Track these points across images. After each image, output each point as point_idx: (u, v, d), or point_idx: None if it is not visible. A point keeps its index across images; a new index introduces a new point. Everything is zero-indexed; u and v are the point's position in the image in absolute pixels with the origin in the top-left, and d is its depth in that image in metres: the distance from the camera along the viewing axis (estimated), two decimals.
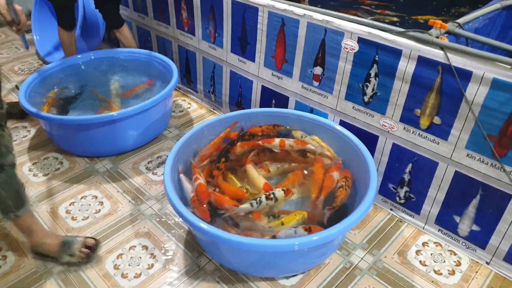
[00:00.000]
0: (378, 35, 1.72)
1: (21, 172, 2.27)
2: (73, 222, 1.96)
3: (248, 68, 2.38)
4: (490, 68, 1.47)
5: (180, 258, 1.79)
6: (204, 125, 2.03)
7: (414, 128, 1.75)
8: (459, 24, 1.72)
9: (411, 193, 1.89)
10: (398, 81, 1.73)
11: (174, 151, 1.83)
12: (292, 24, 2.02)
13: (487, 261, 1.74)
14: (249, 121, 2.12)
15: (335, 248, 1.75)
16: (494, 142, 1.54)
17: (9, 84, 3.14)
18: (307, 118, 2.06)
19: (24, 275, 1.72)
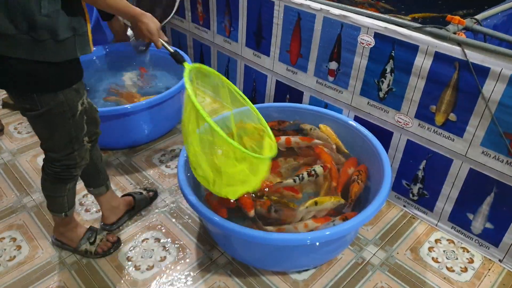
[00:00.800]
0: (395, 31, 1.71)
1: (35, 163, 2.30)
2: (87, 214, 1.99)
3: (263, 62, 2.38)
4: (508, 64, 1.45)
5: (192, 251, 1.80)
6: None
7: (429, 124, 1.74)
8: (477, 20, 1.71)
9: (424, 190, 1.88)
10: (414, 77, 1.72)
11: None
12: (308, 19, 2.01)
13: (500, 258, 1.73)
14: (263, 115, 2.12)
15: (348, 243, 1.75)
16: (510, 139, 1.53)
17: None
18: (321, 113, 2.06)
19: (38, 265, 1.75)
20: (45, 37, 1.18)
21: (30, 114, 1.36)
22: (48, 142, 1.45)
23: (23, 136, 2.53)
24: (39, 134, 1.45)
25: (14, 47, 1.19)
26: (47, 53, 1.22)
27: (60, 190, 1.58)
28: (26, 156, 2.36)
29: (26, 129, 2.58)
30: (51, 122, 1.37)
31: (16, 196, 2.09)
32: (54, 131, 1.40)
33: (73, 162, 1.50)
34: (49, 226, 1.91)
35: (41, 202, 2.04)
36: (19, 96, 1.32)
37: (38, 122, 1.39)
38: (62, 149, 1.45)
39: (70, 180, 1.56)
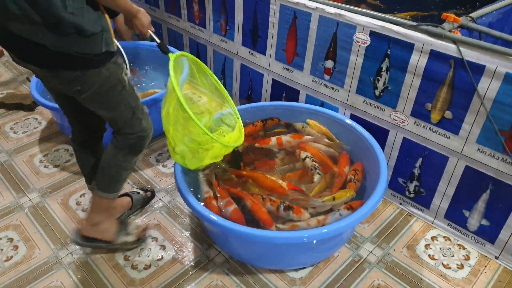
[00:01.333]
0: (391, 29, 1.72)
1: (32, 163, 2.30)
2: (84, 214, 1.98)
3: (259, 61, 2.39)
4: (503, 62, 1.46)
5: (189, 250, 1.80)
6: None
7: (425, 122, 1.75)
8: (472, 18, 1.71)
9: (420, 188, 1.89)
10: (409, 75, 1.72)
11: None
12: (304, 17, 2.01)
13: (496, 255, 1.74)
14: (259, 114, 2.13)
15: (344, 241, 1.76)
16: (505, 137, 1.54)
17: (20, 76, 3.16)
18: (317, 112, 2.07)
19: (35, 265, 1.74)
20: (70, 31, 1.24)
21: (87, 95, 1.40)
22: (117, 120, 1.51)
23: (19, 136, 2.52)
24: (106, 116, 1.52)
25: (46, 35, 1.23)
26: (73, 46, 1.27)
27: (130, 162, 1.63)
28: (23, 156, 2.35)
29: (22, 129, 2.57)
30: (108, 99, 1.44)
31: (13, 197, 2.08)
32: (114, 107, 1.47)
33: (145, 134, 1.58)
34: (45, 226, 1.91)
35: (37, 203, 2.04)
36: (68, 81, 1.35)
37: (96, 103, 1.45)
38: (131, 122, 1.52)
39: (140, 151, 1.63)
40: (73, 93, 1.41)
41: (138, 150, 1.62)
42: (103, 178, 1.63)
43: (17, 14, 1.20)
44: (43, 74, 1.40)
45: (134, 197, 1.97)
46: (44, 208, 2.01)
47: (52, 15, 1.21)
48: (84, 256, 1.78)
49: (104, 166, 1.61)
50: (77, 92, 1.39)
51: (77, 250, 1.80)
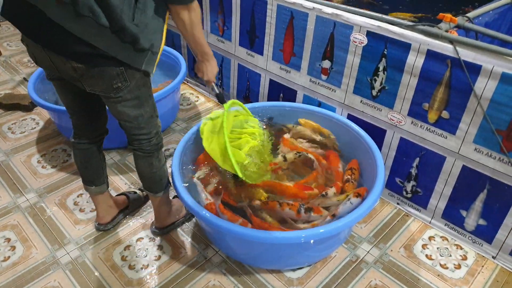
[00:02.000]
0: (387, 29, 1.72)
1: (29, 163, 2.30)
2: (81, 214, 1.98)
3: (256, 61, 2.39)
4: (499, 62, 1.46)
5: (187, 250, 1.80)
6: None
7: (422, 122, 1.75)
8: (468, 18, 1.72)
9: (418, 187, 1.89)
10: (406, 75, 1.72)
11: (182, 145, 1.85)
12: (301, 18, 2.01)
13: (493, 255, 1.75)
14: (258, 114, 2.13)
15: (342, 241, 1.76)
16: (502, 136, 1.54)
17: (17, 76, 3.16)
18: (314, 112, 2.07)
19: (32, 265, 1.74)
20: (128, 39, 1.28)
21: (123, 94, 1.41)
22: (139, 119, 1.51)
23: (17, 136, 2.52)
24: (132, 115, 1.49)
25: (100, 37, 1.26)
26: (122, 54, 1.30)
27: (163, 157, 1.70)
28: (20, 156, 2.35)
29: (20, 129, 2.57)
30: (141, 95, 1.46)
31: (10, 197, 2.08)
32: (144, 104, 1.49)
33: (159, 128, 1.63)
34: (43, 226, 1.91)
35: (35, 203, 2.04)
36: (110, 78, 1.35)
37: (131, 100, 1.45)
38: (151, 120, 1.56)
39: (163, 145, 1.68)
40: (111, 91, 1.39)
41: (161, 146, 1.66)
42: (154, 184, 1.70)
43: (85, 15, 1.21)
44: (81, 73, 1.34)
45: (130, 196, 1.98)
46: (41, 209, 2.01)
47: (118, 23, 1.24)
48: (81, 256, 1.78)
49: (149, 176, 1.68)
50: (116, 89, 1.39)
51: (75, 250, 1.80)
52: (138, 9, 1.26)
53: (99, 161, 1.75)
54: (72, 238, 1.86)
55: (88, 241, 1.85)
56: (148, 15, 1.29)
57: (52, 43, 1.29)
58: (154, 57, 1.39)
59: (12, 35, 3.84)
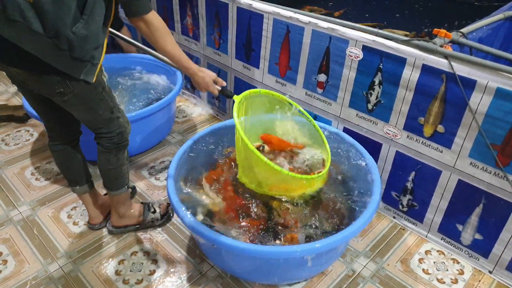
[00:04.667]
0: (383, 43, 1.73)
1: (23, 175, 2.27)
2: (75, 227, 1.96)
3: (253, 74, 2.39)
4: (494, 77, 1.47)
5: (182, 264, 1.78)
6: (207, 131, 2.04)
7: (417, 136, 1.76)
8: (463, 33, 1.73)
9: (414, 201, 1.89)
10: (402, 89, 1.73)
11: (178, 157, 1.83)
12: (297, 32, 2.03)
13: (489, 270, 1.74)
14: None
15: (338, 255, 1.75)
16: (497, 151, 1.55)
17: (12, 88, 3.15)
18: None
19: (24, 280, 1.71)
20: (64, 47, 1.28)
21: (68, 98, 1.44)
22: (96, 121, 1.58)
23: (11, 148, 2.50)
24: (85, 118, 1.58)
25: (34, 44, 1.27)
26: (58, 62, 1.31)
27: (123, 158, 1.73)
28: (14, 168, 2.33)
29: (14, 141, 2.55)
30: (89, 100, 1.50)
31: (2, 210, 2.06)
32: (95, 108, 1.53)
33: (123, 129, 1.66)
34: (36, 240, 1.88)
35: (28, 216, 2.02)
36: (51, 84, 1.39)
37: (79, 105, 1.50)
38: (110, 121, 1.59)
39: (126, 145, 1.72)
40: (55, 95, 1.43)
41: (124, 145, 1.70)
42: (109, 181, 1.76)
43: (16, 20, 1.22)
44: (23, 77, 1.41)
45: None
46: (34, 221, 1.98)
47: (53, 29, 1.24)
48: (74, 270, 1.75)
49: (105, 172, 1.74)
50: (59, 94, 1.42)
51: (68, 264, 1.78)
52: (82, 20, 1.28)
53: (78, 162, 1.79)
54: (65, 252, 1.84)
55: (82, 254, 1.82)
56: (90, 28, 1.31)
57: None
58: (94, 68, 1.40)
59: None
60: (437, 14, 2.98)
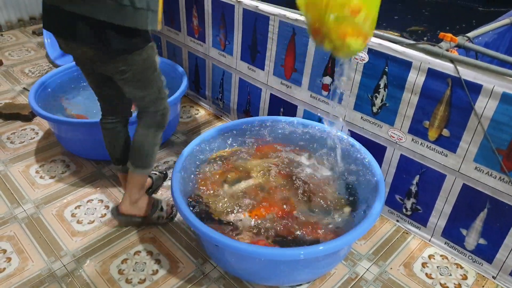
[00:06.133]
0: (388, 47, 1.73)
1: (27, 173, 2.28)
2: (79, 226, 1.97)
3: (257, 76, 2.40)
4: (500, 82, 1.47)
5: (185, 265, 1.78)
6: (212, 132, 2.05)
7: (422, 139, 1.75)
8: (469, 38, 1.73)
9: (418, 205, 1.88)
10: (407, 93, 1.73)
11: (182, 158, 1.84)
12: (302, 34, 2.03)
13: (493, 275, 1.73)
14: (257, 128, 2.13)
15: (341, 258, 1.75)
16: (502, 156, 1.54)
17: (18, 86, 3.16)
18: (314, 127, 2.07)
19: (27, 277, 1.72)
20: (126, 2, 1.40)
21: (127, 76, 1.59)
22: (145, 99, 1.70)
23: (16, 146, 2.51)
24: (138, 95, 1.69)
25: (99, 10, 1.40)
26: (125, 19, 1.42)
27: (158, 138, 1.82)
28: (19, 166, 2.34)
29: (19, 139, 2.56)
30: (144, 78, 1.64)
31: (7, 207, 2.07)
32: (148, 86, 1.67)
33: (166, 111, 1.78)
34: (39, 238, 1.89)
35: (32, 214, 2.02)
36: (115, 62, 1.55)
37: (135, 82, 1.63)
38: (157, 100, 1.72)
39: (164, 128, 1.82)
40: (116, 72, 1.58)
41: (163, 126, 1.80)
42: (139, 157, 1.80)
43: None
44: (91, 57, 1.55)
45: (154, 177, 2.17)
46: (38, 220, 1.99)
47: None
48: (77, 269, 1.76)
49: (139, 146, 1.79)
50: (120, 72, 1.58)
51: (71, 262, 1.78)
52: None
53: (125, 141, 1.91)
54: (69, 250, 1.84)
55: (85, 253, 1.83)
56: None
57: (67, 33, 1.50)
58: (155, 15, 1.49)
59: (14, 45, 3.85)
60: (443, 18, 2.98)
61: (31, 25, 4.27)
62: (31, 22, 4.28)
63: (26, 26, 4.26)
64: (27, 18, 4.25)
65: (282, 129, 2.13)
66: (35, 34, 4.05)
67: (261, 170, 1.95)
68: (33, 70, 3.41)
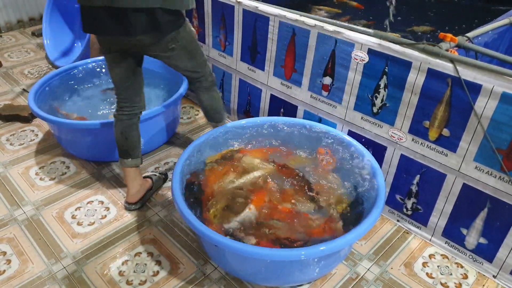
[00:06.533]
0: (388, 47, 1.73)
1: (27, 175, 2.28)
2: (79, 227, 1.96)
3: (258, 76, 2.40)
4: (499, 82, 1.47)
5: (185, 266, 1.78)
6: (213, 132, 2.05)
7: (422, 139, 1.76)
8: (468, 38, 1.73)
9: (418, 205, 1.88)
10: (407, 93, 1.73)
11: (183, 159, 1.84)
12: (302, 34, 2.03)
13: (494, 274, 1.74)
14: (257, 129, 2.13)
15: (342, 258, 1.75)
16: (502, 155, 1.55)
17: (17, 87, 3.16)
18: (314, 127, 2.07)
19: (28, 280, 1.72)
20: None
21: (176, 52, 1.76)
22: (197, 65, 1.88)
23: (16, 148, 2.51)
24: (189, 65, 1.86)
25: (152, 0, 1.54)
26: (175, 3, 1.59)
27: (218, 92, 2.06)
28: (18, 168, 2.34)
29: (19, 141, 2.56)
30: (191, 49, 1.82)
31: (7, 209, 2.06)
32: (195, 54, 1.85)
33: (211, 69, 1.99)
34: (40, 240, 1.89)
35: (32, 216, 2.02)
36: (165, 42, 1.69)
37: (184, 55, 1.80)
38: (204, 63, 1.92)
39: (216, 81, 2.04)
40: (166, 51, 1.73)
41: (215, 82, 2.02)
42: (217, 113, 2.08)
43: None
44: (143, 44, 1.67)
45: (154, 178, 2.19)
46: (38, 221, 1.99)
47: None
48: (78, 271, 1.76)
49: (212, 108, 2.05)
50: (171, 50, 1.73)
51: (72, 264, 1.78)
52: None
53: (136, 134, 1.98)
54: (69, 252, 1.84)
55: (85, 255, 1.83)
56: None
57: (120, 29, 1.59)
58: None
59: (13, 46, 3.85)
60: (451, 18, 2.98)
61: (31, 26, 4.27)
62: (30, 23, 4.28)
63: (26, 27, 4.26)
64: (27, 19, 4.25)
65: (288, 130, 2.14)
66: (34, 35, 4.05)
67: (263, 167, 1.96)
68: (33, 71, 3.41)
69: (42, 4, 3.85)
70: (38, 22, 4.26)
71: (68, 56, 3.31)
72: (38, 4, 4.22)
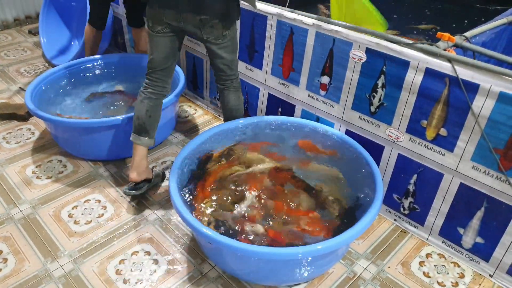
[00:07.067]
0: (386, 46, 1.73)
1: (24, 174, 2.27)
2: (76, 226, 1.96)
3: (255, 75, 2.40)
4: (497, 81, 1.48)
5: (182, 265, 1.78)
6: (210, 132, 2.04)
7: (420, 139, 1.76)
8: (466, 37, 1.74)
9: (415, 204, 1.89)
10: (405, 92, 1.74)
11: (180, 157, 1.84)
12: (300, 33, 2.03)
13: (490, 273, 1.74)
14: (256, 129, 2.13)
15: (339, 257, 1.75)
16: (500, 155, 1.55)
17: (14, 86, 3.15)
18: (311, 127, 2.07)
19: (24, 278, 1.71)
20: None
21: (226, 41, 1.87)
22: (233, 63, 1.99)
23: (12, 146, 2.50)
24: (229, 59, 1.95)
25: None
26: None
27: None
28: (15, 166, 2.33)
29: (15, 139, 2.55)
30: (235, 42, 1.95)
31: (3, 208, 2.05)
32: (235, 50, 1.97)
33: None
34: (36, 238, 1.88)
35: (29, 214, 2.01)
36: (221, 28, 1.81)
37: (230, 46, 1.91)
38: (237, 64, 2.04)
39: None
40: (220, 37, 1.84)
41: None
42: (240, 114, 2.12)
43: None
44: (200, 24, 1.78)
45: (154, 172, 2.17)
46: (35, 220, 1.98)
47: None
48: (75, 270, 1.75)
49: (234, 108, 2.10)
50: (223, 36, 1.85)
51: (68, 263, 1.78)
52: None
53: (160, 115, 2.04)
54: (65, 251, 1.83)
55: (82, 254, 1.82)
56: None
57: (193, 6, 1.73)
58: None
59: (10, 45, 3.83)
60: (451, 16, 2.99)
61: (27, 25, 4.25)
62: (27, 22, 4.26)
63: (22, 25, 4.24)
64: (23, 17, 4.23)
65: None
66: (31, 33, 4.03)
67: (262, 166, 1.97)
68: (29, 70, 3.39)
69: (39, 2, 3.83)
70: (35, 20, 4.25)
71: (65, 54, 3.30)
72: (35, 2, 4.21)
